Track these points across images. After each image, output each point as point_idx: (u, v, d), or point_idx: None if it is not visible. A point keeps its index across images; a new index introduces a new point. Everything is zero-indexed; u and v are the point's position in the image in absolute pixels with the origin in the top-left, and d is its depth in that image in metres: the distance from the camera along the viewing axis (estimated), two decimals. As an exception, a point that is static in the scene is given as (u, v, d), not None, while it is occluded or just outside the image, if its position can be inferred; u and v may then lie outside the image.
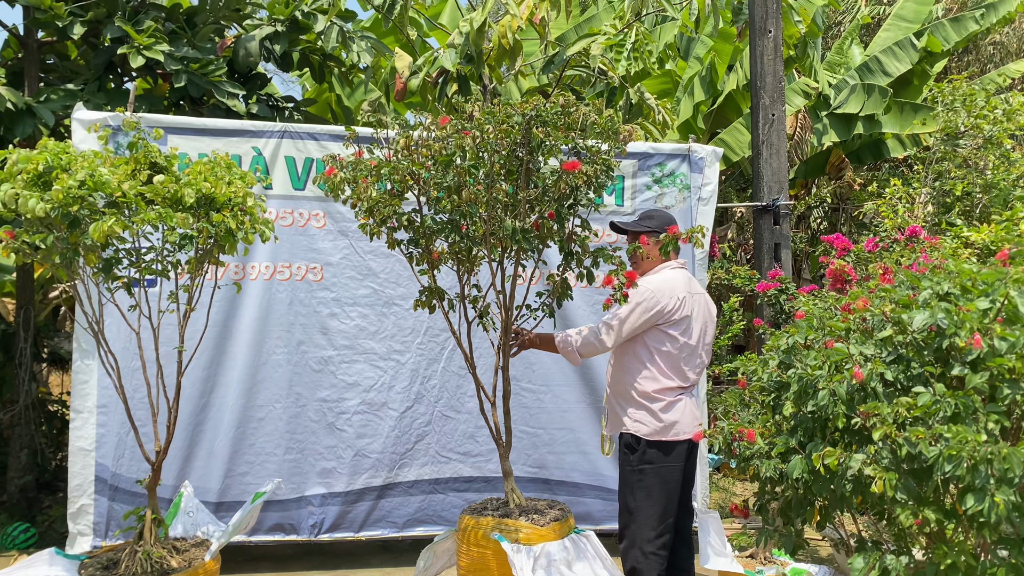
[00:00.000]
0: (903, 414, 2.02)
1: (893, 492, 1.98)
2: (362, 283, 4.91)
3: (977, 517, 1.84)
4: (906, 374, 2.13)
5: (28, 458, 5.98)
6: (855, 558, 2.10)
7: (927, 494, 2.01)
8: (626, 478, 3.63)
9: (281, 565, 5.04)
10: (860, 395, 2.13)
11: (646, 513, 3.54)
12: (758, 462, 2.39)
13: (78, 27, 5.14)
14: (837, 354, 2.22)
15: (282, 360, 4.82)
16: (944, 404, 1.99)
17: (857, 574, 2.06)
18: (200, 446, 4.75)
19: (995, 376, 2.02)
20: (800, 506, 2.36)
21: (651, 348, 3.57)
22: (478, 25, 5.43)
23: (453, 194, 3.37)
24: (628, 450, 3.62)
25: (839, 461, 2.10)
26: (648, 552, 3.54)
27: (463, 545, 3.64)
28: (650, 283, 3.57)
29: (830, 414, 2.16)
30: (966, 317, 2.06)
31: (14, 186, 2.78)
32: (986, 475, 1.82)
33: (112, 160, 2.97)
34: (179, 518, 3.70)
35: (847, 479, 2.09)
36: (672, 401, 3.54)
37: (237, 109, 5.53)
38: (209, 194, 2.92)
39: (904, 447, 1.96)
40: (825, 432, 2.29)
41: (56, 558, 3.26)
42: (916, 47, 8.97)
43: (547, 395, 5.12)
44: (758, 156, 5.46)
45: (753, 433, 2.43)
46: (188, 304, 3.26)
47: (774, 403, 2.48)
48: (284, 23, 5.77)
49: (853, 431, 2.18)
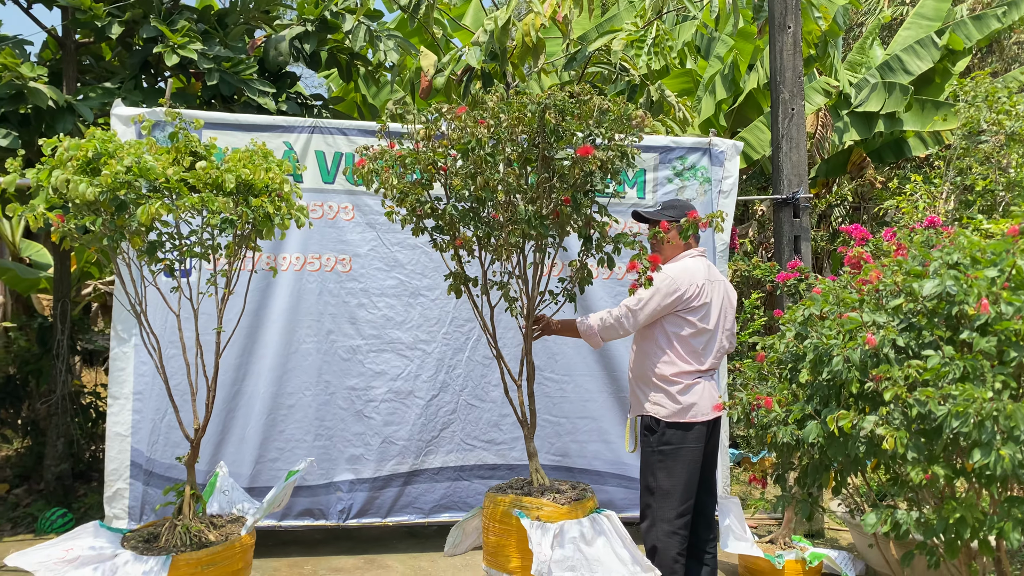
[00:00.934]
0: (914, 375, 2.11)
1: (904, 450, 2.06)
2: (389, 274, 5.03)
3: (984, 471, 1.93)
4: (917, 341, 2.22)
5: (64, 447, 6.16)
6: (868, 514, 2.18)
7: (936, 452, 2.09)
8: (647, 459, 3.73)
9: (310, 549, 5.17)
10: (873, 361, 2.22)
11: (667, 493, 3.64)
12: (775, 429, 2.49)
13: (116, 27, 5.32)
14: (851, 323, 2.31)
15: (312, 349, 4.95)
16: (953, 367, 2.08)
17: (869, 528, 2.14)
18: (232, 432, 4.88)
19: (1002, 340, 2.10)
20: (816, 471, 2.45)
21: (670, 333, 3.68)
22: (503, 22, 5.56)
23: (470, 180, 3.48)
24: (648, 432, 3.72)
25: (853, 424, 2.19)
26: (669, 531, 3.63)
27: (488, 523, 3.74)
28: (670, 270, 3.68)
29: (844, 379, 2.25)
30: (974, 284, 2.15)
31: (65, 172, 2.93)
32: (992, 431, 1.91)
33: (156, 148, 3.11)
34: (215, 497, 3.83)
35: (860, 440, 2.18)
36: (690, 384, 3.65)
37: (268, 107, 5.68)
38: (248, 180, 3.06)
39: (915, 407, 2.05)
40: (840, 398, 2.38)
41: (100, 530, 3.40)
42: (938, 45, 8.98)
43: (569, 384, 5.22)
44: (778, 150, 5.54)
45: (770, 400, 2.52)
46: (226, 288, 3.40)
47: (791, 373, 2.57)
48: (314, 23, 5.92)
49: (866, 396, 2.27)
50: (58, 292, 6.20)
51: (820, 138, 8.91)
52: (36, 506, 5.93)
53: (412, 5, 6.03)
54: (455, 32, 8.32)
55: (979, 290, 2.13)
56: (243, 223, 3.15)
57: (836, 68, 9.21)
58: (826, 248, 9.69)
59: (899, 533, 2.12)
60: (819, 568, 4.47)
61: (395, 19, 8.23)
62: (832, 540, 5.33)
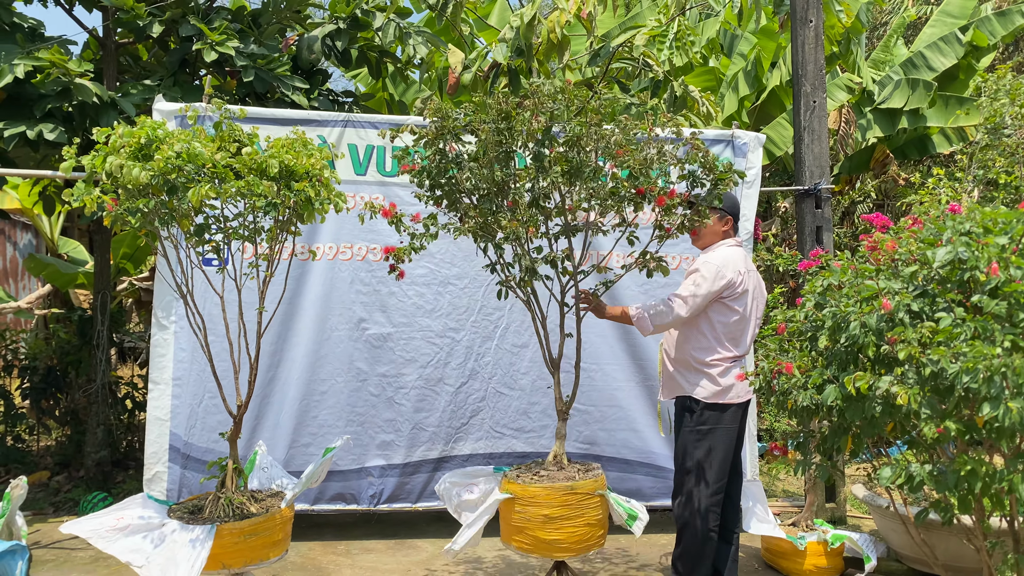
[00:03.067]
0: (927, 336, 2.22)
1: (917, 406, 2.17)
2: (419, 263, 5.16)
3: (993, 424, 2.03)
4: (931, 307, 2.32)
5: (104, 434, 6.37)
6: (883, 469, 2.29)
7: (949, 408, 2.19)
8: (685, 439, 3.87)
9: (342, 532, 5.32)
10: (888, 325, 2.33)
11: (703, 471, 3.78)
12: (796, 393, 2.60)
13: (156, 26, 5.51)
14: (867, 290, 2.42)
15: (344, 336, 5.09)
16: (964, 328, 2.18)
17: (884, 482, 2.25)
18: (267, 417, 5.04)
19: (1012, 304, 2.20)
20: (834, 435, 2.56)
21: (712, 320, 3.82)
22: (529, 19, 5.69)
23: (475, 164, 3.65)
24: (687, 412, 3.86)
25: (869, 384, 2.30)
26: (705, 507, 3.77)
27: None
28: (713, 258, 3.82)
29: (861, 344, 2.36)
30: (985, 250, 2.25)
31: (118, 158, 3.10)
32: (1000, 385, 2.01)
33: (203, 135, 3.28)
34: (255, 473, 3.98)
35: (877, 400, 2.28)
36: (728, 367, 3.81)
37: (301, 103, 5.86)
38: (291, 166, 3.22)
39: (928, 366, 2.16)
40: (857, 362, 2.49)
41: (148, 501, 3.56)
42: (961, 42, 9.00)
43: (597, 373, 5.31)
44: (800, 142, 5.62)
45: (791, 365, 2.64)
46: (267, 271, 3.56)
47: (810, 342, 2.69)
48: (345, 20, 6.10)
49: (882, 360, 2.38)
50: (98, 284, 6.41)
51: (843, 135, 8.96)
52: (76, 491, 6.14)
53: (440, 4, 6.17)
54: (481, 31, 8.47)
55: (990, 255, 2.23)
56: (284, 207, 3.31)
57: (859, 66, 9.25)
58: (849, 245, 9.73)
59: (912, 485, 2.23)
60: (841, 549, 4.55)
61: (422, 19, 8.40)
62: (854, 527, 5.40)
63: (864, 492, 4.66)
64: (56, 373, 7.03)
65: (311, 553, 4.92)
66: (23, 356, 7.30)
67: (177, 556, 3.26)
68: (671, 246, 5.04)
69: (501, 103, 3.55)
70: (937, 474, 2.21)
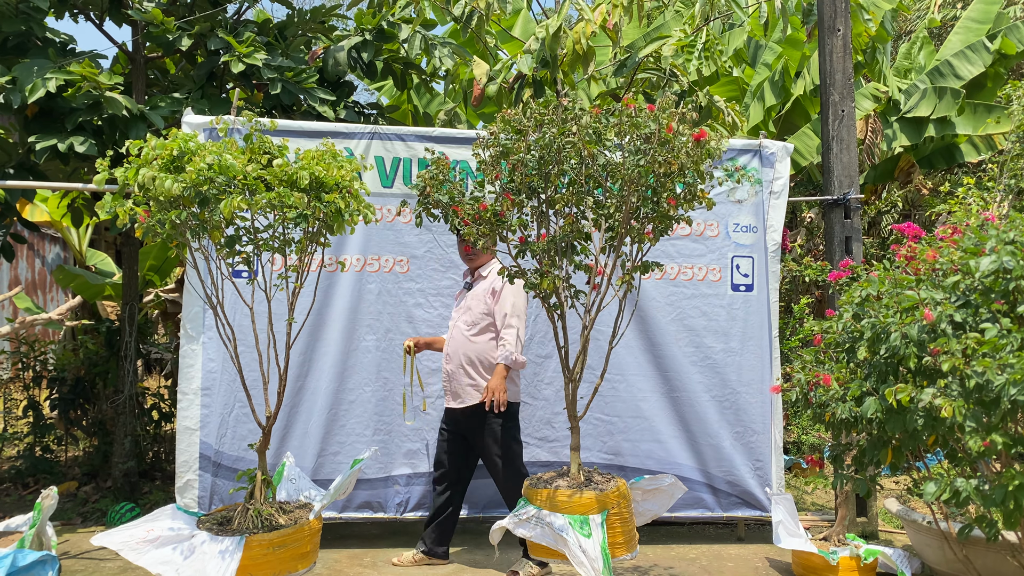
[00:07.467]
0: (972, 347, 2.18)
1: (962, 419, 2.12)
2: (445, 275, 5.18)
3: (1042, 437, 1.99)
4: (974, 317, 2.28)
5: (131, 445, 6.40)
6: (927, 484, 2.25)
7: (995, 422, 2.15)
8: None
9: (368, 542, 5.31)
10: (930, 336, 2.29)
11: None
12: (834, 406, 2.56)
13: (185, 40, 5.57)
14: (908, 300, 2.38)
15: (371, 346, 5.11)
16: (1011, 338, 2.14)
17: (929, 498, 2.21)
18: (296, 426, 5.06)
19: (1060, 315, 2.16)
20: (873, 447, 2.51)
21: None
22: (554, 30, 5.69)
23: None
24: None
25: (911, 396, 2.26)
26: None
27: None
28: (502, 281, 4.33)
29: (902, 355, 2.32)
30: (1032, 260, 2.21)
31: (151, 170, 3.12)
32: (1049, 397, 1.97)
33: (234, 148, 3.30)
34: (283, 485, 3.99)
35: (919, 412, 2.24)
36: None
37: (327, 115, 5.89)
38: (321, 177, 3.23)
39: (972, 378, 2.12)
40: (897, 374, 2.45)
41: (178, 513, 3.58)
42: (989, 49, 8.91)
43: (621, 384, 5.29)
44: (828, 151, 5.58)
45: (829, 377, 2.60)
46: (297, 282, 3.57)
47: (847, 353, 2.64)
48: (371, 32, 6.13)
49: (924, 371, 2.34)
50: (126, 295, 6.46)
51: (870, 144, 8.88)
52: (104, 502, 6.18)
53: (465, 16, 6.19)
54: (504, 43, 8.49)
55: (1036, 265, 2.19)
56: (314, 219, 3.32)
57: (885, 74, 9.19)
58: (876, 254, 9.63)
59: (959, 500, 2.18)
60: (874, 565, 4.47)
61: (446, 31, 8.44)
62: (886, 542, 5.32)
63: (897, 506, 4.59)
64: (84, 384, 7.09)
65: (337, 564, 4.91)
66: (52, 367, 7.37)
67: (207, 568, 3.27)
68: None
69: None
70: (984, 490, 2.17)
